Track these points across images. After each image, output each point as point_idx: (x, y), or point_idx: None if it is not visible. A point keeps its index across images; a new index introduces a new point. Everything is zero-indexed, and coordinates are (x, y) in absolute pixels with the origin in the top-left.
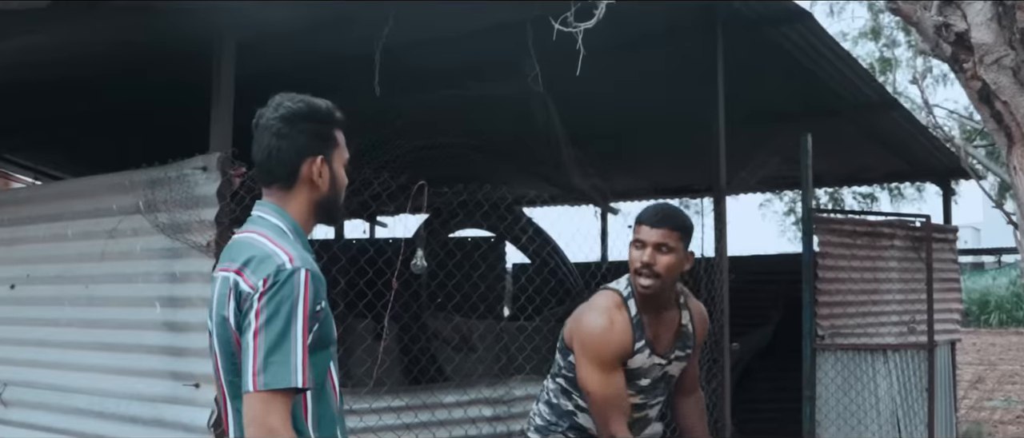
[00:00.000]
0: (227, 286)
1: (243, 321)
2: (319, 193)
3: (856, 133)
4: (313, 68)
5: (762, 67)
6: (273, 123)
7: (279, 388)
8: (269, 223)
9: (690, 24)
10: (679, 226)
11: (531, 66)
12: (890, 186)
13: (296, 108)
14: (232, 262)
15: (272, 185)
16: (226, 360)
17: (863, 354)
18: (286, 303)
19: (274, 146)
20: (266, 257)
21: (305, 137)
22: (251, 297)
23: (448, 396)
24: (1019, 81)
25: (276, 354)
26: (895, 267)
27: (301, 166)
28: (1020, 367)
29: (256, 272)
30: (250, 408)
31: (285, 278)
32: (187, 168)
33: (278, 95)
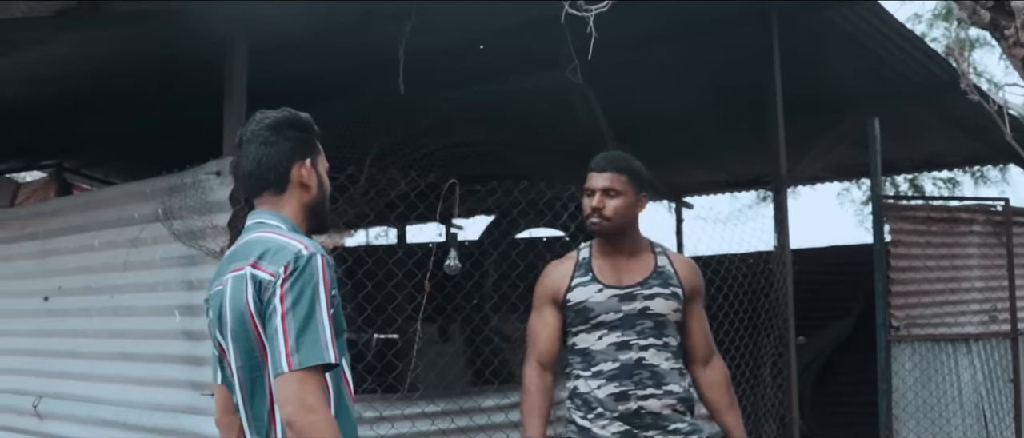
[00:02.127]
0: (242, 282)
1: (266, 309)
2: (310, 196)
3: (928, 116)
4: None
5: (823, 51)
6: (260, 133)
7: (313, 365)
8: (269, 225)
9: (743, 10)
10: (625, 168)
11: (569, 57)
12: (972, 170)
13: (280, 117)
14: (243, 260)
15: (264, 193)
16: (245, 356)
17: (943, 345)
18: (309, 286)
19: (263, 154)
20: (282, 247)
21: (292, 143)
22: (272, 284)
23: (487, 400)
24: None
25: (306, 334)
26: (975, 253)
27: (291, 170)
28: None
29: (274, 261)
30: (286, 388)
31: (305, 263)
32: (202, 174)
33: (258, 112)
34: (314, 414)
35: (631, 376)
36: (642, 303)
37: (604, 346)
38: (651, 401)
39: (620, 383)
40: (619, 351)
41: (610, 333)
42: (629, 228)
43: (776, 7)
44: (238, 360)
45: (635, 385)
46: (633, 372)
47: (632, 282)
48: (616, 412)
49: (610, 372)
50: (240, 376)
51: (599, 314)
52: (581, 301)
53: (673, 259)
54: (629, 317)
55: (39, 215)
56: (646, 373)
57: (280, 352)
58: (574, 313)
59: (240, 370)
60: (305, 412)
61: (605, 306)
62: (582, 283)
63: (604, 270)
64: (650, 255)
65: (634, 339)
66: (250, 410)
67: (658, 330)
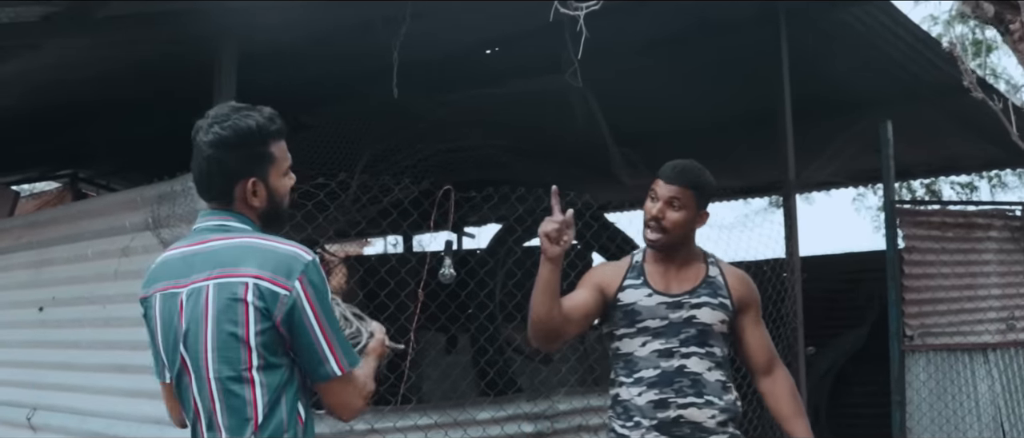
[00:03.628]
0: (236, 290)
1: (291, 321)
2: (257, 211)
3: (944, 119)
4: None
5: (834, 53)
6: (203, 147)
7: (354, 366)
8: (238, 229)
9: (751, 12)
10: (693, 183)
11: (569, 61)
12: (990, 175)
13: (223, 136)
14: (231, 267)
15: (211, 202)
16: (228, 367)
17: (959, 354)
18: (325, 292)
19: (205, 170)
20: (282, 255)
21: (235, 163)
22: (290, 297)
23: (483, 412)
24: None
25: (339, 336)
26: (992, 260)
27: (234, 189)
28: None
29: (281, 271)
30: (342, 391)
31: (314, 269)
32: (190, 181)
33: (210, 113)
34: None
35: (672, 383)
36: (688, 312)
37: (647, 353)
38: (691, 410)
39: (660, 390)
40: (661, 358)
41: (654, 340)
42: (685, 241)
43: (784, 8)
44: (216, 372)
45: (675, 393)
46: (674, 379)
47: (681, 291)
48: (655, 420)
49: (651, 379)
50: (218, 387)
51: (645, 319)
52: (630, 303)
53: (725, 270)
54: (674, 325)
55: (34, 225)
56: (687, 381)
57: (328, 358)
58: (621, 314)
59: (217, 382)
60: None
61: (652, 311)
62: (633, 286)
63: (655, 276)
64: (702, 265)
65: (677, 347)
66: (220, 423)
67: (702, 339)
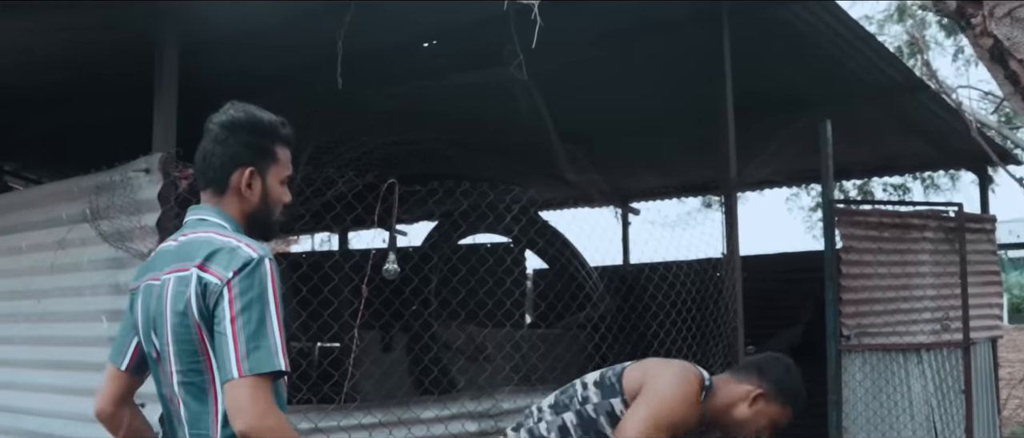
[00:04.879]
0: (186, 284)
1: (214, 313)
2: (249, 205)
3: (882, 119)
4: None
5: (775, 52)
6: (214, 128)
7: (264, 372)
8: (213, 223)
9: (694, 9)
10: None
11: (513, 53)
12: (923, 176)
13: (236, 117)
14: (188, 260)
15: (207, 188)
16: (187, 361)
17: (894, 354)
18: (259, 291)
19: (210, 150)
20: (231, 250)
21: (240, 146)
22: (220, 288)
23: (427, 411)
24: None
25: (257, 340)
26: (927, 260)
27: (231, 175)
28: None
29: (222, 264)
30: (237, 395)
31: (254, 267)
32: (131, 171)
33: (229, 103)
34: (269, 419)
35: None
36: None
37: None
38: None
39: None
40: None
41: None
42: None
43: (727, 6)
44: (177, 363)
45: None
46: None
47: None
48: None
49: None
50: (178, 380)
51: None
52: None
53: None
54: None
55: None
56: None
57: (230, 358)
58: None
59: (179, 373)
60: (260, 418)
61: None
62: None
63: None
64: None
65: None
66: (184, 413)
67: None
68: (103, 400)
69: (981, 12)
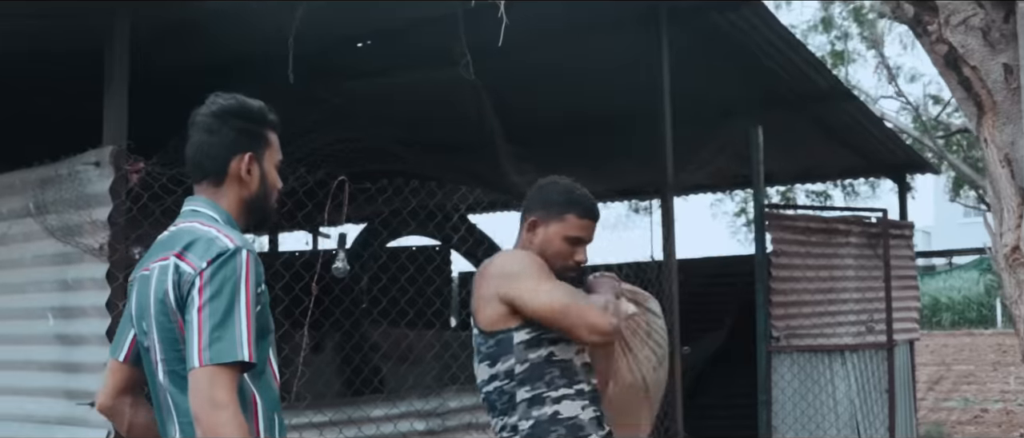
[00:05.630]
0: (165, 272)
1: (185, 301)
2: (248, 191)
3: (809, 127)
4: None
5: (709, 58)
6: (205, 120)
7: (225, 362)
8: (203, 215)
9: (633, 13)
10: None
11: (461, 53)
12: (843, 183)
13: (227, 105)
14: (169, 250)
15: (202, 181)
16: (169, 348)
17: (820, 355)
18: (230, 281)
19: (205, 141)
20: (210, 240)
21: (235, 133)
22: (193, 277)
23: (377, 410)
24: (989, 43)
25: (221, 329)
26: (851, 265)
27: (230, 162)
28: (975, 367)
29: (198, 254)
30: (196, 383)
31: (228, 257)
32: (79, 165)
33: (213, 94)
34: (221, 412)
35: (598, 402)
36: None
37: (580, 364)
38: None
39: (597, 407)
40: (589, 374)
41: (582, 353)
42: None
43: (665, 10)
44: (161, 352)
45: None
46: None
47: None
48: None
49: (590, 392)
50: (163, 369)
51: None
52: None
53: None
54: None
55: None
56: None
57: (193, 346)
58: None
59: (163, 362)
60: (211, 409)
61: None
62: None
63: None
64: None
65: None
66: (171, 402)
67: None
68: (103, 393)
69: (937, 20)
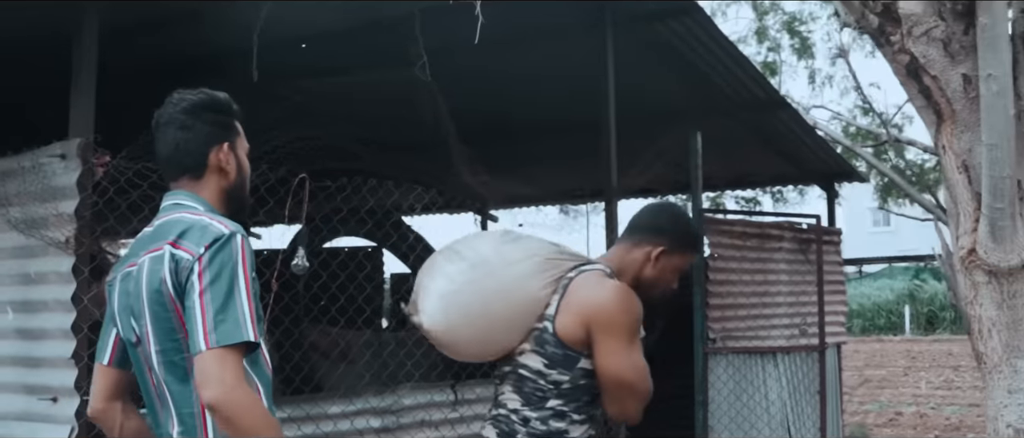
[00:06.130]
0: (160, 262)
1: (184, 287)
2: (227, 181)
3: (745, 134)
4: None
5: (652, 65)
6: (177, 116)
7: (231, 344)
8: (187, 206)
9: (580, 20)
10: None
11: (418, 54)
12: (772, 190)
13: (198, 99)
14: (161, 240)
15: (181, 177)
16: (166, 338)
17: (755, 357)
18: (228, 265)
19: (180, 138)
20: (203, 227)
21: (210, 126)
22: (191, 263)
23: (333, 407)
24: (949, 54)
25: (225, 312)
26: (785, 269)
27: (208, 155)
28: (887, 372)
29: (193, 240)
30: (205, 366)
31: (224, 242)
32: (43, 157)
33: (176, 92)
34: (237, 391)
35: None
36: None
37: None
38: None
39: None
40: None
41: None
42: None
43: (611, 17)
44: (157, 343)
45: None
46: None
47: None
48: None
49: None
50: (159, 360)
51: None
52: None
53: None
54: None
55: None
56: None
57: (198, 330)
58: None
59: (159, 353)
60: (228, 390)
61: None
62: None
63: None
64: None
65: None
66: (168, 394)
67: None
68: (94, 398)
69: (900, 30)
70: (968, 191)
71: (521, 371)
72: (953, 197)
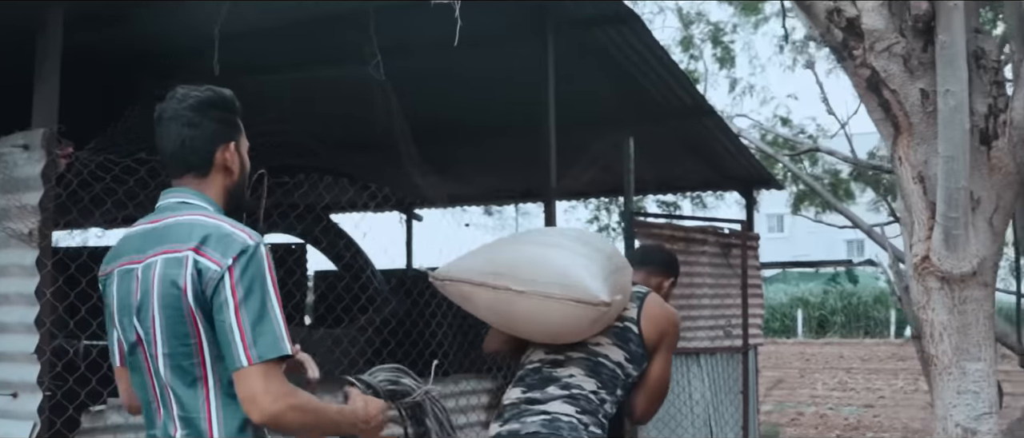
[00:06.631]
0: (179, 266)
1: (214, 301)
2: (231, 180)
3: (672, 140)
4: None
5: (588, 71)
6: (184, 113)
7: (272, 358)
8: (197, 206)
9: (523, 24)
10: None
11: (372, 53)
12: (691, 194)
13: (205, 96)
14: (179, 242)
15: (185, 175)
16: (177, 343)
17: (680, 358)
18: (258, 277)
19: (187, 135)
20: (226, 235)
21: (216, 124)
22: (219, 275)
23: None
24: (909, 69)
25: (261, 325)
26: (709, 272)
27: (214, 153)
28: (783, 374)
29: (219, 249)
30: (250, 383)
31: (252, 253)
32: (5, 147)
33: (179, 87)
34: (291, 398)
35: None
36: None
37: None
38: None
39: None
40: None
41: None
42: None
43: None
44: (165, 346)
45: None
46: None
47: None
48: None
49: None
50: (166, 363)
51: None
52: None
53: None
54: None
55: None
56: None
57: (237, 346)
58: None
59: (167, 357)
60: (280, 403)
61: None
62: None
63: None
64: None
65: None
66: (172, 397)
67: None
68: (126, 396)
69: (862, 46)
70: (923, 201)
71: (600, 359)
72: (908, 206)
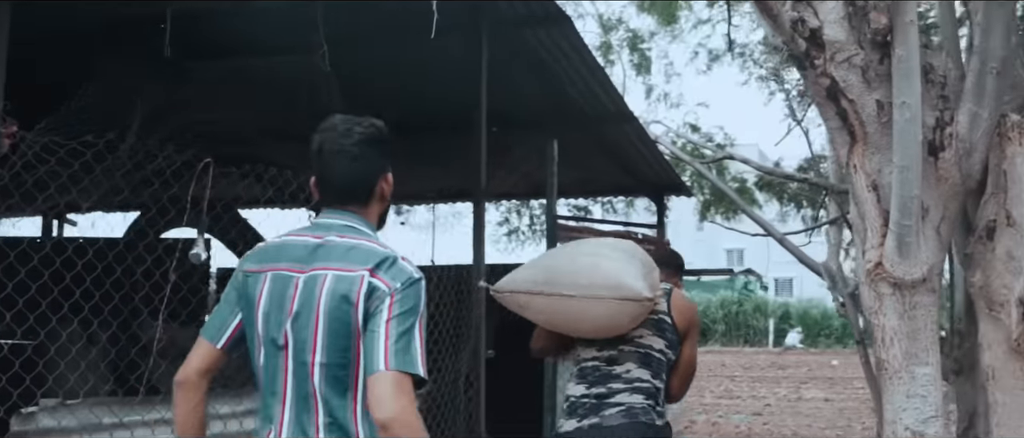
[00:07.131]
0: (351, 283)
1: (374, 312)
2: (383, 205)
3: (591, 144)
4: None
5: (519, 71)
6: (350, 149)
7: (407, 371)
8: (364, 232)
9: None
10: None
11: (318, 43)
12: (602, 199)
13: (368, 134)
14: (355, 264)
15: (349, 203)
16: (338, 355)
17: None
18: (416, 306)
19: (353, 169)
20: (399, 266)
21: (379, 158)
22: (385, 294)
23: (223, 407)
24: (866, 80)
25: (404, 342)
26: None
27: (377, 185)
28: None
29: (391, 275)
30: (382, 386)
31: (415, 283)
32: None
33: (338, 119)
34: (410, 415)
35: None
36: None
37: None
38: None
39: None
40: None
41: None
42: None
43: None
44: (324, 356)
45: None
46: None
47: None
48: None
49: None
50: (322, 373)
51: None
52: None
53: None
54: None
55: None
56: None
57: (379, 352)
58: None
59: (323, 366)
60: (403, 412)
61: None
62: None
63: None
64: None
65: None
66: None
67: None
68: (189, 369)
69: (823, 56)
70: (876, 209)
71: (647, 350)
72: (861, 214)
